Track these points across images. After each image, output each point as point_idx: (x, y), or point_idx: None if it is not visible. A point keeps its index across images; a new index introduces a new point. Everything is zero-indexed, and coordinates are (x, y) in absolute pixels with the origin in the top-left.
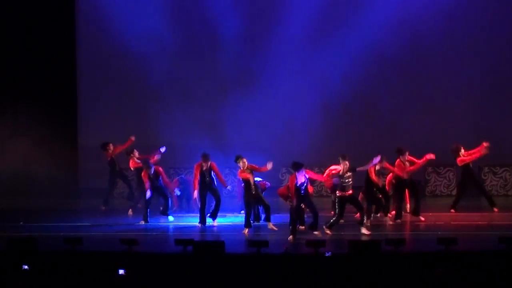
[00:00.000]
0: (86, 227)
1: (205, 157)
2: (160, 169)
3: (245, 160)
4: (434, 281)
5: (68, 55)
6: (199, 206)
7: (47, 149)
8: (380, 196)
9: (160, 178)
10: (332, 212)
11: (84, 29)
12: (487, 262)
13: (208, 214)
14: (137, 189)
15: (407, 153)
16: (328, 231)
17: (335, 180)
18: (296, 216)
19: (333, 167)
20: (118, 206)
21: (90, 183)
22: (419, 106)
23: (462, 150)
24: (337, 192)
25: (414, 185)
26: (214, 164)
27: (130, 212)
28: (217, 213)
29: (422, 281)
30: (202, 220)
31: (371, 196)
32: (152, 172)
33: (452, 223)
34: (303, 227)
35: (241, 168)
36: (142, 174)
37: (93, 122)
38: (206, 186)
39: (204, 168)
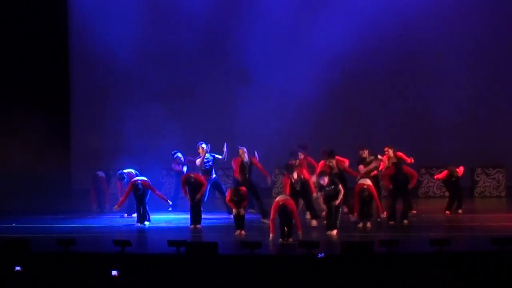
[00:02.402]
0: (79, 228)
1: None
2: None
3: None
4: (427, 282)
5: (61, 56)
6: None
7: (40, 151)
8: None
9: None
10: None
11: (77, 29)
12: (480, 263)
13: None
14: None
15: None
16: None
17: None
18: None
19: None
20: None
21: (83, 185)
22: (410, 107)
23: None
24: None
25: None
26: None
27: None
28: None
29: (415, 282)
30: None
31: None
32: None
33: (445, 224)
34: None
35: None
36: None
37: (86, 123)
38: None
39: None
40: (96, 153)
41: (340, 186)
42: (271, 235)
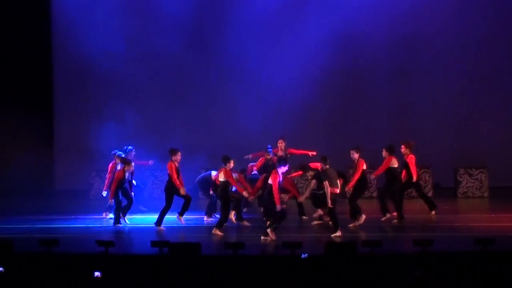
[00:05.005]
0: (62, 228)
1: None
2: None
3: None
4: (410, 282)
5: (44, 57)
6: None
7: (23, 151)
8: None
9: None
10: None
11: (60, 29)
12: (463, 264)
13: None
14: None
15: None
16: None
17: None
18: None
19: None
20: (94, 208)
21: (66, 185)
22: (392, 108)
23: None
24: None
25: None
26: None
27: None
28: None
29: (398, 282)
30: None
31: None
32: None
33: (428, 224)
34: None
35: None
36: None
37: (70, 124)
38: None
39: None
40: (80, 154)
41: (326, 185)
42: None
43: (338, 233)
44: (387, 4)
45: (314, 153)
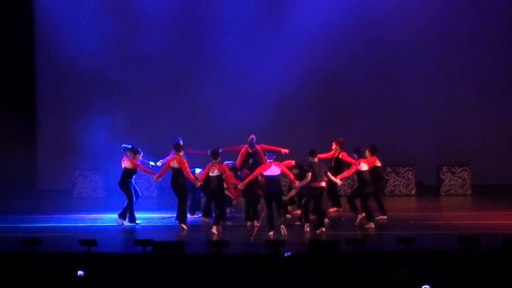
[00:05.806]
0: (45, 228)
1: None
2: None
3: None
4: (394, 280)
5: (27, 55)
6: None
7: (5, 150)
8: None
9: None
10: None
11: (43, 28)
12: (447, 262)
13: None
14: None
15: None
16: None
17: None
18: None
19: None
20: (77, 207)
21: (49, 184)
22: (378, 106)
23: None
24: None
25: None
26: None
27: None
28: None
29: (381, 281)
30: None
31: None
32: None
33: (411, 222)
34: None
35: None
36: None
37: (53, 123)
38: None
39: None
40: (63, 153)
41: (308, 176)
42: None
43: (322, 229)
44: (374, 4)
45: (287, 151)
